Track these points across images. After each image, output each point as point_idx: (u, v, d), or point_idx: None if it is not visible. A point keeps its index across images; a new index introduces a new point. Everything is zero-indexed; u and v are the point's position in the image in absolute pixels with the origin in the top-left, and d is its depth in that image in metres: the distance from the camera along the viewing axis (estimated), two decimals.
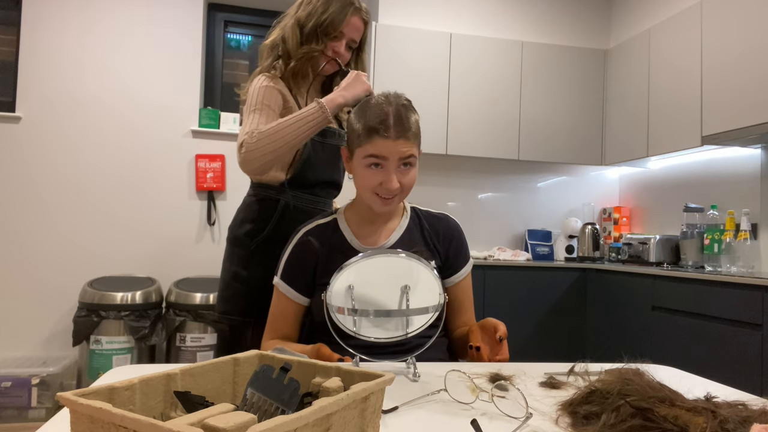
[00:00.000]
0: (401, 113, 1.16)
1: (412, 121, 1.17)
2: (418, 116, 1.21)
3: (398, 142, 1.14)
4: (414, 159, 1.19)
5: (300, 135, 1.34)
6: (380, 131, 1.13)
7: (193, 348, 3.15)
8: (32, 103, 3.49)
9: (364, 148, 1.15)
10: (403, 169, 1.17)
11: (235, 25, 4.05)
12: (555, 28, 4.30)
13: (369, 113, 1.17)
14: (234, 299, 1.53)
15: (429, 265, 1.03)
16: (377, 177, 1.17)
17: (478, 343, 1.12)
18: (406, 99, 1.22)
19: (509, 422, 0.73)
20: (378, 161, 1.15)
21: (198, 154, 3.69)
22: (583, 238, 4.03)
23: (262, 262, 1.49)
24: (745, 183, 3.21)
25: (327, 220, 1.30)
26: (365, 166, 1.17)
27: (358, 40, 1.57)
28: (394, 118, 1.15)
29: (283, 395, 0.57)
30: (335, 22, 1.49)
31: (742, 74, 2.89)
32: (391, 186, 1.16)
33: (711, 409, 0.65)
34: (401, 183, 1.18)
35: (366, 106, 1.20)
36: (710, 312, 2.68)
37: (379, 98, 1.21)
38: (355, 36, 1.55)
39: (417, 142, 1.19)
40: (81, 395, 0.49)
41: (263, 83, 1.47)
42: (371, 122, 1.15)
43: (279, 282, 1.26)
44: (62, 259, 3.47)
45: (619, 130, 3.93)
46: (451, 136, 3.83)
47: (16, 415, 2.96)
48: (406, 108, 1.18)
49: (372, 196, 1.19)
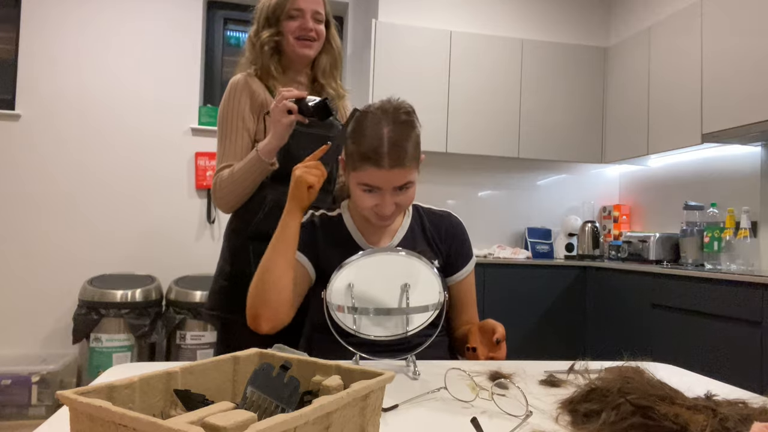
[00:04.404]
0: (397, 137, 1.10)
1: (409, 145, 1.11)
2: (420, 128, 1.15)
3: (393, 171, 1.10)
4: (411, 183, 1.15)
5: (253, 181, 1.39)
6: (373, 160, 1.08)
7: (193, 346, 3.15)
8: (32, 100, 3.48)
9: (358, 174, 1.12)
10: (399, 192, 1.14)
11: (235, 23, 4.05)
12: (555, 26, 4.29)
13: (363, 136, 1.11)
14: (217, 295, 1.49)
15: (429, 263, 1.02)
16: (372, 200, 1.14)
17: (475, 344, 1.12)
18: (406, 111, 1.15)
19: (509, 420, 0.73)
20: (372, 188, 1.13)
21: (198, 152, 3.69)
22: (583, 236, 4.03)
23: (246, 259, 1.44)
24: (745, 181, 3.20)
25: (333, 214, 1.29)
26: (360, 190, 1.14)
27: (323, 12, 1.52)
28: (388, 145, 1.09)
29: (283, 393, 0.57)
30: (282, 1, 1.46)
31: (742, 72, 2.88)
32: (385, 212, 1.13)
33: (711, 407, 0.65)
34: (398, 203, 1.15)
35: (362, 125, 1.13)
36: (710, 310, 2.68)
37: (375, 114, 1.13)
38: (316, 7, 1.50)
39: (415, 164, 1.14)
40: (81, 393, 0.48)
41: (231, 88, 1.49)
42: (364, 148, 1.09)
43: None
44: (62, 257, 3.47)
45: (619, 128, 3.93)
46: (451, 134, 3.83)
47: (16, 413, 2.96)
48: (405, 126, 1.12)
49: (369, 213, 1.17)
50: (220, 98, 1.59)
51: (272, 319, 1.10)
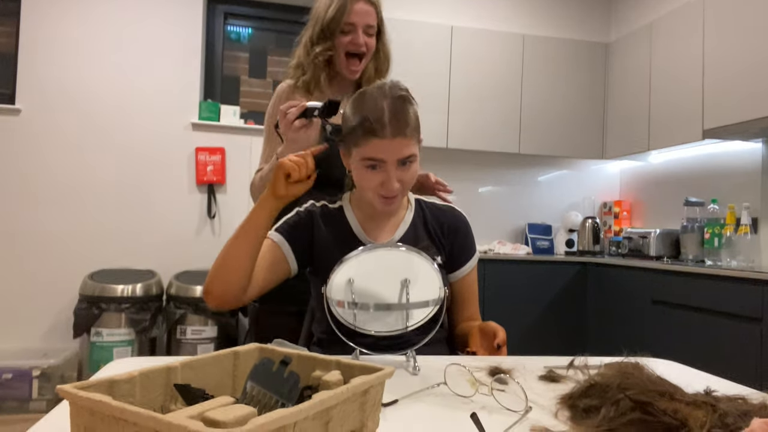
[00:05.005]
0: (397, 108, 1.11)
1: (410, 115, 1.13)
2: (417, 106, 1.17)
3: (395, 141, 1.10)
4: (414, 157, 1.15)
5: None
6: (376, 131, 1.09)
7: (194, 341, 3.16)
8: (32, 95, 3.47)
9: (361, 149, 1.12)
10: (402, 168, 1.14)
11: (236, 18, 4.03)
12: (556, 22, 4.28)
13: (364, 109, 1.12)
14: None
15: (429, 259, 1.02)
16: (377, 177, 1.13)
17: (475, 348, 1.12)
18: (402, 88, 1.16)
19: (509, 416, 0.73)
20: (376, 163, 1.12)
21: (198, 147, 3.68)
22: (584, 231, 4.03)
23: None
24: (745, 177, 3.20)
25: (334, 205, 1.28)
26: (363, 168, 1.14)
27: (374, 24, 1.57)
28: (389, 114, 1.10)
29: (283, 388, 0.57)
30: (336, 16, 1.50)
31: (743, 68, 2.88)
32: (391, 186, 1.12)
33: (710, 403, 0.65)
34: (402, 181, 1.14)
35: (361, 100, 1.14)
36: (710, 306, 2.68)
37: (373, 91, 1.15)
38: (369, 21, 1.55)
39: (416, 136, 1.15)
40: (81, 388, 0.49)
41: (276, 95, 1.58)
42: (366, 121, 1.10)
43: (274, 234, 1.20)
44: (63, 251, 3.47)
45: (620, 123, 3.92)
46: (452, 129, 3.83)
47: (16, 407, 2.97)
48: (403, 100, 1.13)
49: (374, 195, 1.16)
50: (220, 93, 1.64)
51: (220, 298, 1.10)
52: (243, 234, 1.10)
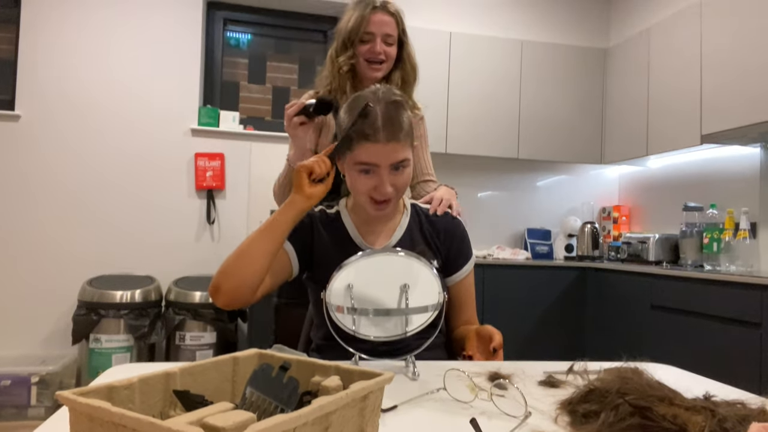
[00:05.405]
0: (390, 113, 1.11)
1: (403, 121, 1.13)
2: (410, 112, 1.18)
3: (389, 146, 1.10)
4: (407, 162, 1.15)
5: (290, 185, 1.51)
6: (369, 136, 1.10)
7: (193, 346, 3.15)
8: (31, 101, 3.48)
9: (354, 154, 1.12)
10: (396, 172, 1.14)
11: (235, 24, 4.04)
12: (555, 27, 4.30)
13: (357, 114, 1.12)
14: None
15: (428, 264, 1.02)
16: (370, 182, 1.14)
17: (471, 352, 1.12)
18: (396, 93, 1.17)
19: (508, 421, 0.73)
20: (369, 168, 1.13)
21: (197, 153, 3.69)
22: (583, 237, 4.03)
23: None
24: (744, 182, 3.21)
25: (332, 211, 1.29)
26: (357, 172, 1.14)
27: (394, 34, 1.62)
28: (383, 119, 1.10)
29: (282, 394, 0.57)
30: (355, 26, 1.55)
31: (741, 73, 2.88)
32: (384, 191, 1.13)
33: (710, 407, 0.65)
34: (395, 186, 1.15)
35: (354, 105, 1.15)
36: (709, 311, 2.68)
37: (367, 95, 1.15)
38: (387, 30, 1.59)
39: (409, 141, 1.15)
40: (80, 394, 0.49)
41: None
42: (359, 126, 1.11)
43: None
44: (61, 258, 3.47)
45: (619, 129, 3.93)
46: (451, 134, 3.83)
47: (15, 414, 2.96)
48: (397, 105, 1.14)
49: (366, 200, 1.17)
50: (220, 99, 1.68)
51: (230, 295, 1.09)
52: (267, 231, 1.10)
